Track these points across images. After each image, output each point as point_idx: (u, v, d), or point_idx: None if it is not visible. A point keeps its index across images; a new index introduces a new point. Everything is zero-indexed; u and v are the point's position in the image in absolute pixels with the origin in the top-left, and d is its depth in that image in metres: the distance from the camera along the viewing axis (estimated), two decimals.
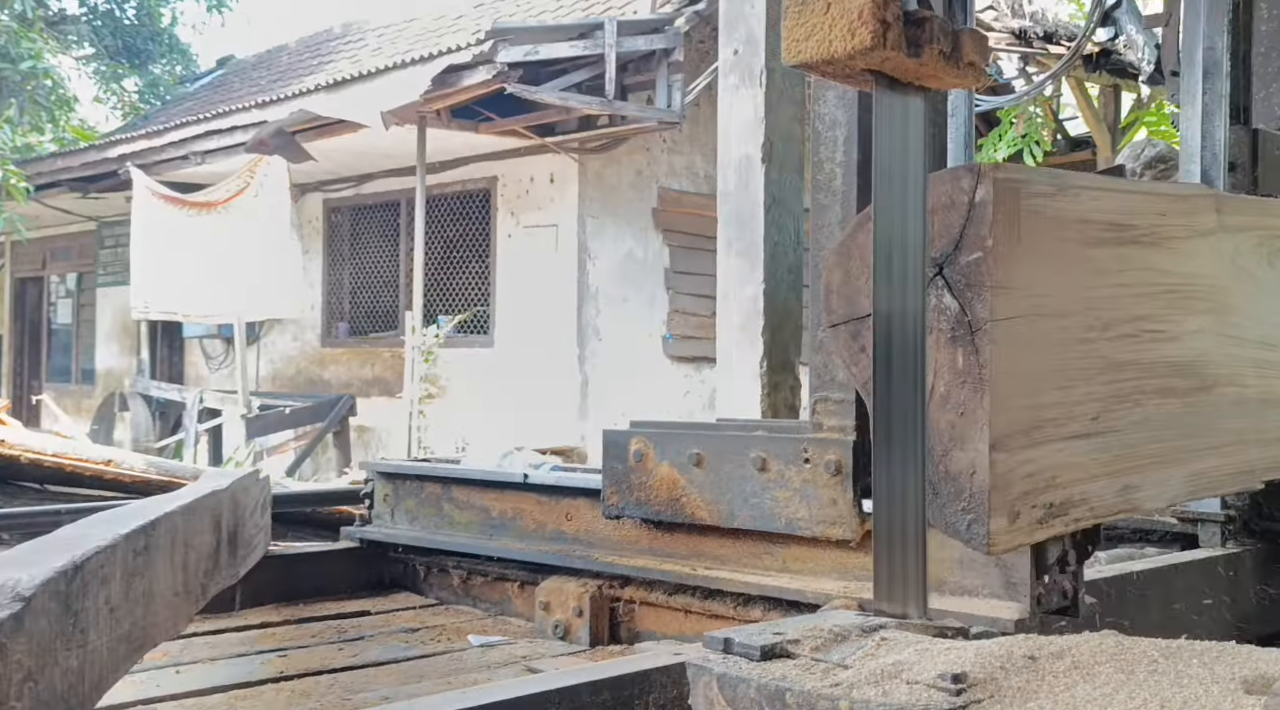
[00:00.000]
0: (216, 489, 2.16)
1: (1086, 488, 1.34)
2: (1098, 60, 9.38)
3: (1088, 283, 1.34)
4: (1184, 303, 1.51)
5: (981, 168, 1.24)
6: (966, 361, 1.21)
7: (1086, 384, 1.33)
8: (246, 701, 1.96)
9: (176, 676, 2.10)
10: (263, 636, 2.45)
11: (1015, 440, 1.23)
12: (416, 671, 2.17)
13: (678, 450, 2.23)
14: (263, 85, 14.52)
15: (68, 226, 15.47)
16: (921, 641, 1.17)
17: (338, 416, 10.97)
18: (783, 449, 2.08)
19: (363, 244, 12.15)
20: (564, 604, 2.40)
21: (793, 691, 1.06)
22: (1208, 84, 2.49)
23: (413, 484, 2.87)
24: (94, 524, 1.64)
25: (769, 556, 2.16)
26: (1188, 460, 1.52)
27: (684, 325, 10.69)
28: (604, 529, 2.45)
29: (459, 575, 2.77)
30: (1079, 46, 6.19)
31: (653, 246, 10.56)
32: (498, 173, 10.61)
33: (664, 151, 10.63)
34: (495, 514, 2.69)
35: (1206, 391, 1.56)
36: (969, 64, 1.37)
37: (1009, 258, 1.22)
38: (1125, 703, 1.00)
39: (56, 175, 13.18)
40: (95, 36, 20.60)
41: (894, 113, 1.41)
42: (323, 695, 2.00)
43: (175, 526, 1.83)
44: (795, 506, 2.05)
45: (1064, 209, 1.31)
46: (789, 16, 1.32)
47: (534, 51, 8.48)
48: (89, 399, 15.07)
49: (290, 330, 12.55)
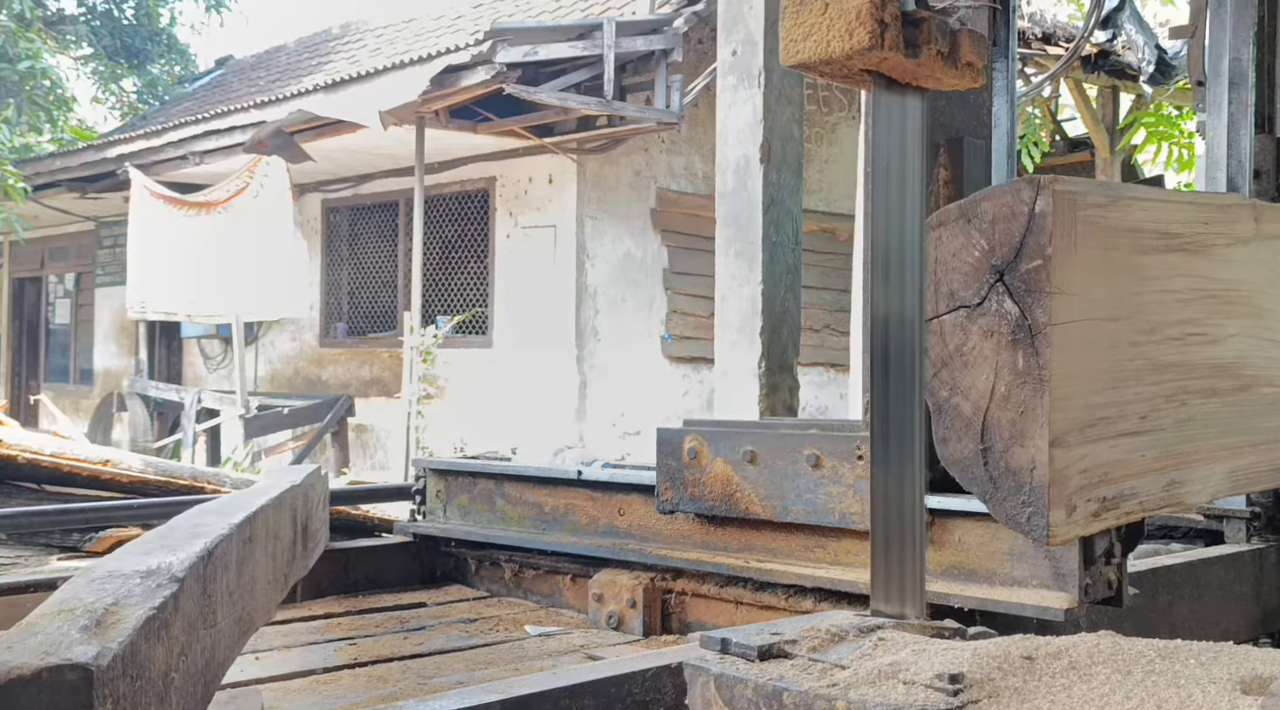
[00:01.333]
0: (294, 484, 2.23)
1: (1136, 483, 1.40)
2: (1096, 61, 9.39)
3: (1137, 288, 1.40)
4: (1225, 307, 1.57)
5: (1041, 180, 1.29)
6: (1027, 363, 1.26)
7: (1136, 384, 1.39)
8: (328, 686, 2.05)
9: (257, 663, 2.18)
10: (329, 626, 2.54)
11: (1072, 437, 1.28)
12: (482, 659, 2.26)
13: (731, 448, 2.33)
14: (261, 86, 14.52)
15: (66, 226, 15.46)
16: (919, 642, 1.17)
17: (336, 417, 10.96)
18: (836, 447, 2.17)
19: (361, 244, 12.15)
20: (617, 596, 2.49)
21: (790, 691, 1.06)
22: (1233, 94, 2.55)
23: (465, 480, 2.97)
24: (203, 514, 1.73)
25: (820, 550, 2.24)
26: (1228, 457, 1.58)
27: (682, 325, 10.69)
28: (656, 524, 2.54)
29: (510, 568, 2.86)
30: (1077, 47, 6.19)
31: (651, 247, 10.55)
32: (496, 173, 10.61)
33: (662, 152, 10.63)
34: (548, 509, 2.78)
35: (1245, 391, 1.62)
36: (967, 64, 1.38)
37: (1066, 265, 1.27)
38: (1122, 703, 1.00)
39: (55, 175, 13.17)
40: (94, 36, 20.58)
41: (892, 113, 1.41)
42: (398, 680, 2.08)
43: (269, 519, 1.91)
44: (849, 501, 2.14)
45: (1117, 219, 1.37)
46: (786, 17, 1.32)
47: (533, 52, 8.48)
48: (87, 399, 15.06)
49: (288, 330, 12.55)
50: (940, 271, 1.34)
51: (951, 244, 1.32)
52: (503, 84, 8.46)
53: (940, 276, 1.34)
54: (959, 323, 1.31)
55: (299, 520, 2.26)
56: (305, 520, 2.34)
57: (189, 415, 11.46)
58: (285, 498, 2.10)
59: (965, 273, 1.31)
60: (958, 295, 1.31)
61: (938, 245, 1.34)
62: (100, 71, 21.11)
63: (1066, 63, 6.28)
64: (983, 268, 1.29)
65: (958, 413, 1.32)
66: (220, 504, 1.88)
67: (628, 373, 10.18)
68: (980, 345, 1.30)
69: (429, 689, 2.00)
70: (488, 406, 10.14)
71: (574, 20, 9.31)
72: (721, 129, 4.53)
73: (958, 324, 1.32)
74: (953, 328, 1.32)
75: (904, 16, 1.29)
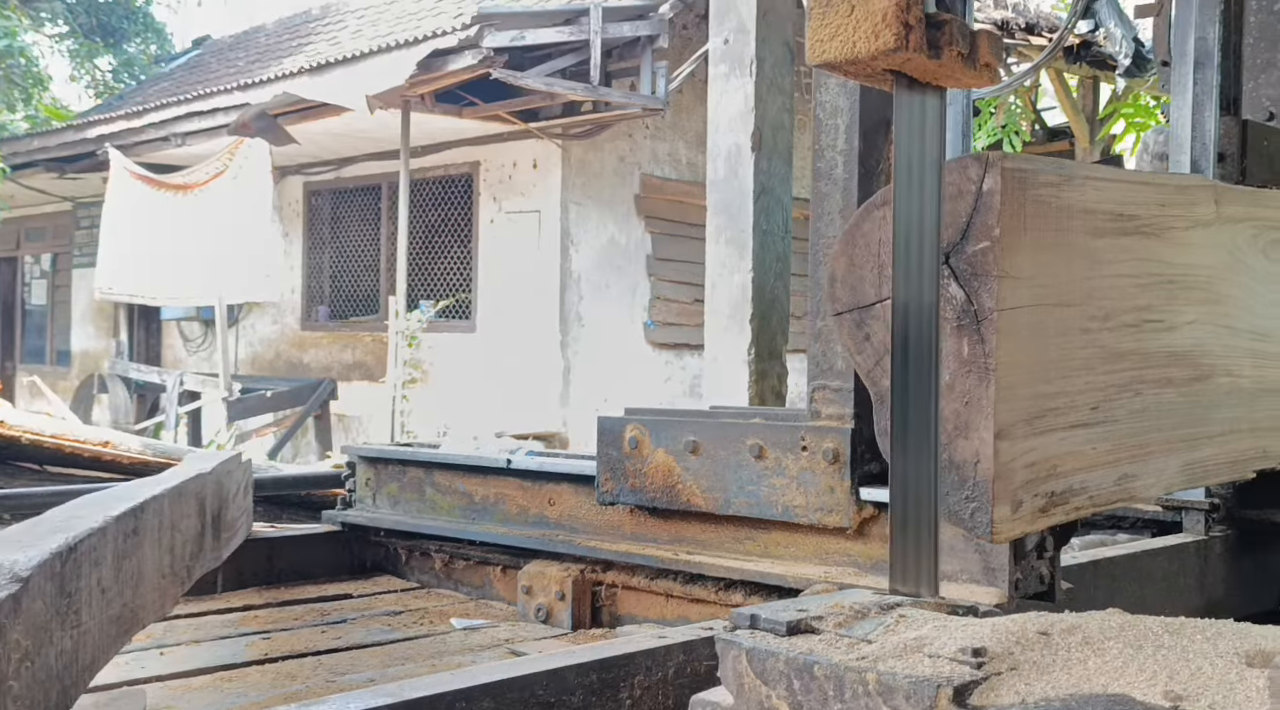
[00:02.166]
0: (202, 472, 2.15)
1: (1086, 477, 1.35)
2: (1078, 52, 9.47)
3: (1090, 273, 1.35)
4: (1183, 293, 1.52)
5: (990, 157, 1.23)
6: (972, 350, 1.22)
7: (1088, 373, 1.34)
8: (232, 683, 1.96)
9: (161, 658, 2.10)
10: (246, 619, 2.45)
11: (1019, 429, 1.24)
12: (401, 654, 2.18)
13: (673, 437, 2.23)
14: (240, 66, 14.41)
15: (43, 207, 15.32)
16: (939, 618, 1.22)
17: (318, 400, 10.95)
18: (780, 437, 2.08)
19: (343, 227, 12.11)
20: (546, 588, 2.42)
21: (820, 664, 1.10)
22: (1199, 74, 2.48)
23: (395, 468, 2.86)
24: (83, 506, 1.63)
25: (751, 541, 2.17)
26: (1184, 449, 1.54)
27: (666, 312, 10.74)
28: (587, 514, 2.47)
29: (441, 559, 2.78)
30: (1061, 38, 6.24)
31: (635, 233, 10.58)
32: (480, 158, 10.60)
33: (647, 138, 10.65)
34: (478, 498, 2.70)
35: (1202, 381, 1.57)
36: (985, 65, 1.41)
37: (1015, 247, 1.22)
38: (1136, 675, 1.05)
39: (33, 155, 13.04)
40: (69, 14, 20.35)
41: (913, 111, 1.46)
42: (308, 677, 2.00)
43: (163, 509, 1.83)
44: (792, 494, 2.06)
45: (1069, 199, 1.32)
46: (813, 18, 1.35)
47: (520, 37, 8.48)
48: (64, 380, 14.95)
49: (270, 313, 12.50)
50: (884, 253, 1.27)
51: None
52: (490, 69, 8.46)
53: (884, 258, 1.27)
54: None
55: (208, 509, 2.18)
56: (217, 509, 2.26)
57: (171, 398, 11.41)
58: (188, 487, 2.02)
59: None
60: None
61: (881, 225, 1.28)
62: (75, 50, 20.88)
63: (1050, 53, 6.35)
64: None
65: None
66: (105, 495, 1.81)
67: (611, 358, 10.22)
68: None
69: (337, 687, 1.93)
70: (471, 391, 10.16)
71: (560, 5, 9.31)
72: (713, 117, 4.57)
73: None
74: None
75: (927, 19, 1.33)
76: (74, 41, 20.80)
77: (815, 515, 2.04)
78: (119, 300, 12.08)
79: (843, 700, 1.07)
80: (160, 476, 2.11)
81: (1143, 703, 0.99)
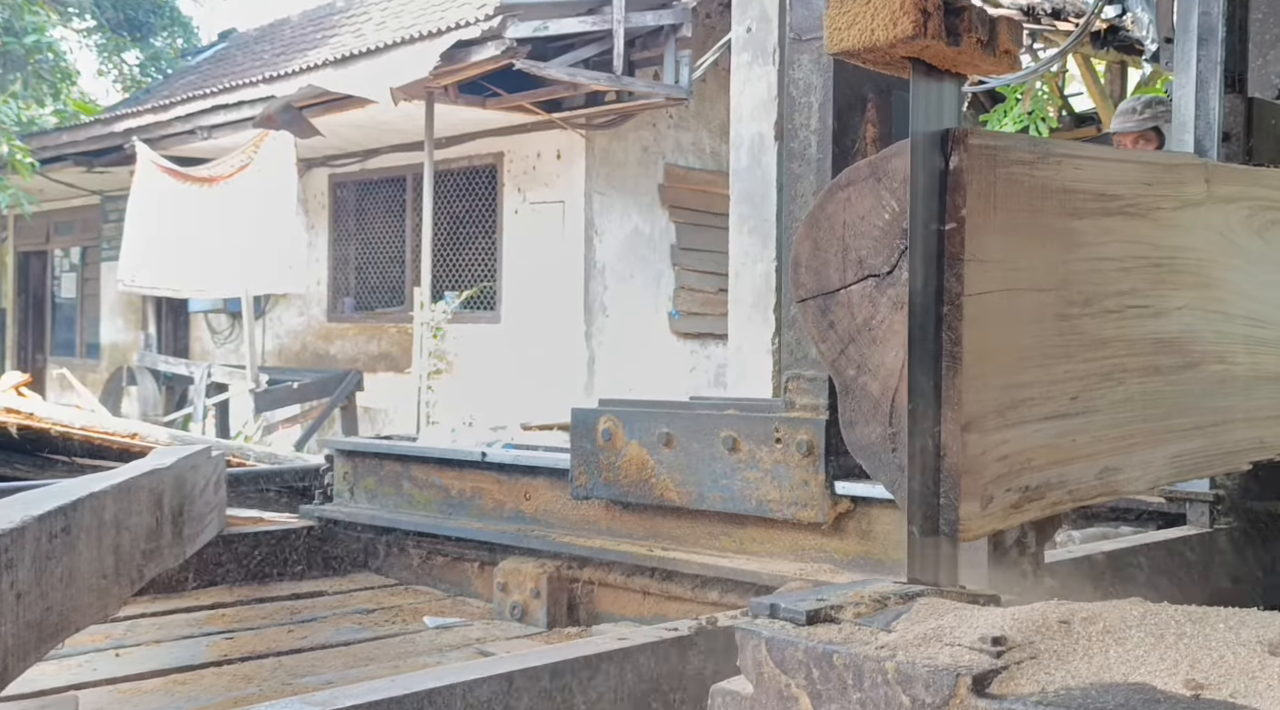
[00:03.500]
0: (157, 468, 2.09)
1: (1064, 470, 1.29)
2: (1105, 37, 9.37)
3: (1068, 256, 1.28)
4: (1171, 276, 1.45)
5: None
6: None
7: (1066, 362, 1.28)
8: (185, 686, 1.91)
9: (116, 660, 2.04)
10: (212, 618, 2.40)
11: (989, 421, 1.18)
12: (366, 654, 2.12)
13: (647, 429, 2.17)
14: (266, 59, 14.47)
15: (72, 200, 15.47)
16: (959, 607, 1.21)
17: (344, 392, 11.02)
18: (754, 429, 2.02)
19: (368, 219, 12.16)
20: (521, 585, 2.36)
21: (840, 653, 1.10)
22: (1202, 51, 2.38)
23: (372, 461, 2.81)
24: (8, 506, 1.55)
25: (726, 537, 2.12)
26: (1172, 441, 1.47)
27: (690, 302, 10.73)
28: (563, 508, 2.42)
29: (419, 555, 2.72)
30: (1087, 24, 6.18)
31: (659, 223, 10.57)
32: (504, 149, 10.61)
33: (670, 127, 10.63)
34: (454, 493, 2.64)
35: (1193, 369, 1.50)
36: (1005, 51, 1.40)
37: (983, 229, 1.16)
38: (1157, 663, 1.04)
39: (61, 149, 13.17)
40: (96, 9, 20.51)
41: (930, 98, 1.45)
42: (265, 679, 1.94)
43: (103, 507, 1.76)
44: (766, 488, 2.01)
45: (1045, 178, 1.25)
46: (831, 6, 1.34)
47: (543, 27, 8.48)
48: (94, 373, 15.10)
49: (296, 305, 12.58)
50: (849, 236, 1.21)
51: (860, 205, 1.20)
52: (513, 59, 8.47)
53: (849, 242, 1.21)
54: (868, 293, 1.20)
55: (166, 506, 2.12)
56: (179, 505, 2.20)
57: (199, 389, 11.51)
58: (139, 483, 1.96)
59: (875, 238, 1.19)
60: (867, 263, 1.19)
61: (846, 207, 1.22)
62: (103, 44, 21.05)
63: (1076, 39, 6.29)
64: (894, 232, 1.17)
65: (865, 393, 1.21)
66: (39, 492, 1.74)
67: (635, 348, 10.22)
68: (890, 318, 1.18)
69: (292, 690, 1.87)
70: (496, 382, 10.19)
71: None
72: (735, 106, 4.56)
73: (866, 295, 1.20)
74: (861, 299, 1.20)
75: (945, 5, 1.32)
76: (101, 36, 20.97)
77: (789, 510, 1.99)
78: (141, 292, 12.17)
79: (861, 689, 1.06)
80: (108, 473, 2.05)
81: (1164, 691, 0.98)
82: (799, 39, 2.10)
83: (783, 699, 1.12)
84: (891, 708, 1.03)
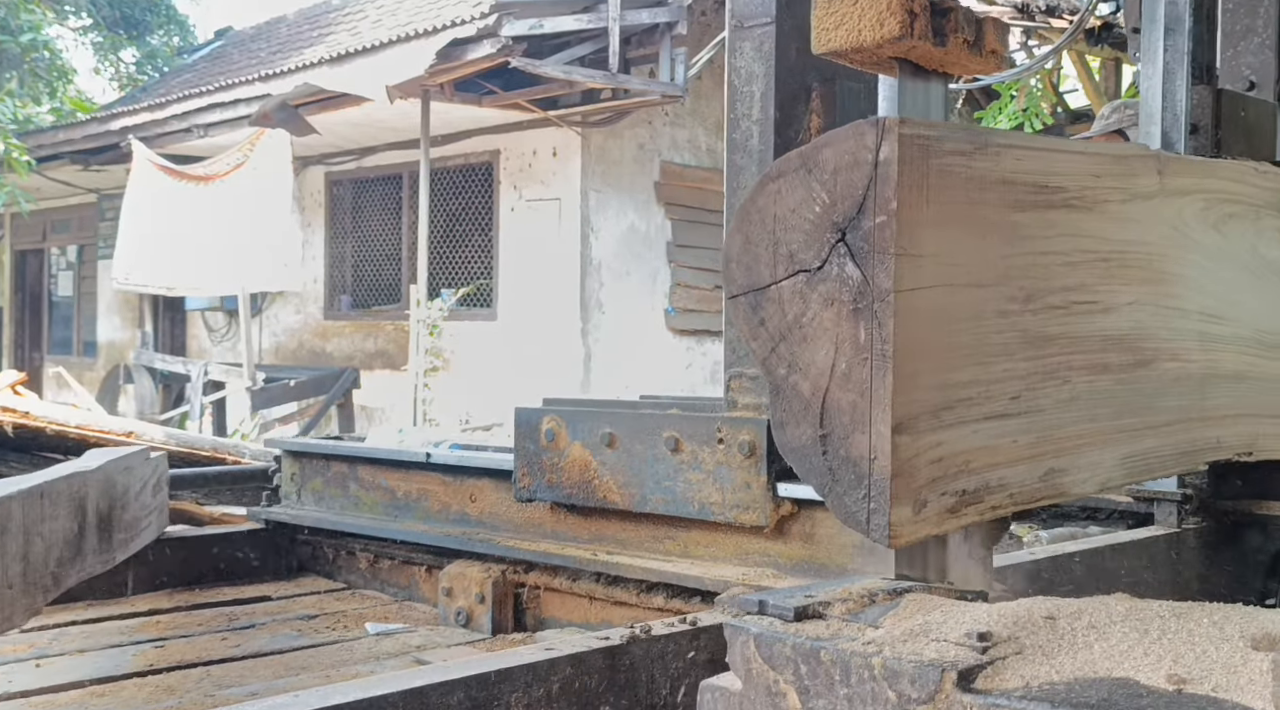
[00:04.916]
0: (79, 470, 2.00)
1: (1005, 473, 1.25)
2: (1099, 33, 9.38)
3: (1009, 250, 1.24)
4: (1120, 271, 1.41)
5: (886, 122, 1.12)
6: (868, 336, 1.11)
7: (1006, 360, 1.24)
8: (104, 699, 1.83)
9: (35, 671, 1.97)
10: (146, 625, 2.30)
11: (922, 422, 1.14)
12: (299, 663, 2.05)
13: (590, 430, 2.11)
14: (262, 57, 14.46)
15: (68, 199, 15.45)
16: (946, 604, 1.22)
17: (341, 389, 11.03)
18: (696, 429, 1.96)
19: (364, 217, 12.16)
20: (467, 590, 2.30)
21: (827, 649, 1.10)
22: (1169, 41, 2.29)
23: (319, 462, 2.73)
24: None
25: (670, 540, 2.07)
26: (1123, 441, 1.42)
27: (686, 298, 10.74)
28: (508, 511, 2.35)
29: (367, 558, 2.66)
30: (1081, 20, 6.20)
31: (655, 220, 10.59)
32: (500, 146, 10.61)
33: (666, 125, 10.64)
34: (400, 495, 2.58)
35: (1145, 367, 1.46)
36: (991, 52, 1.41)
37: (916, 222, 1.12)
38: (1140, 658, 1.05)
39: (58, 147, 13.15)
40: (92, 7, 20.49)
41: (917, 98, 1.46)
42: (189, 690, 1.87)
43: (9, 514, 1.69)
44: (708, 490, 1.95)
45: (983, 169, 1.21)
46: (819, 6, 1.34)
47: (538, 25, 8.48)
48: (90, 371, 15.10)
49: (292, 303, 12.58)
50: (779, 230, 1.16)
51: (791, 198, 1.15)
52: (508, 57, 8.47)
53: (780, 236, 1.16)
54: (798, 290, 1.15)
55: (91, 510, 2.04)
56: (107, 509, 2.11)
57: (196, 387, 11.51)
58: (56, 487, 1.88)
59: (805, 231, 1.14)
60: (797, 257, 1.15)
61: (776, 200, 1.16)
62: (99, 42, 21.03)
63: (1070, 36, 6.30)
64: (824, 225, 1.13)
65: (796, 393, 1.16)
66: None
67: (632, 345, 10.24)
68: (820, 315, 1.14)
69: (214, 702, 1.79)
70: (493, 379, 10.20)
71: None
72: None
73: (797, 291, 1.15)
74: (792, 295, 1.16)
75: (932, 6, 1.32)
76: (98, 34, 20.94)
77: (731, 513, 1.94)
78: (135, 290, 12.16)
79: (849, 684, 1.07)
80: (21, 477, 1.96)
81: (1147, 686, 0.99)
82: (740, 26, 2.04)
83: (771, 695, 1.13)
84: (878, 703, 1.03)
